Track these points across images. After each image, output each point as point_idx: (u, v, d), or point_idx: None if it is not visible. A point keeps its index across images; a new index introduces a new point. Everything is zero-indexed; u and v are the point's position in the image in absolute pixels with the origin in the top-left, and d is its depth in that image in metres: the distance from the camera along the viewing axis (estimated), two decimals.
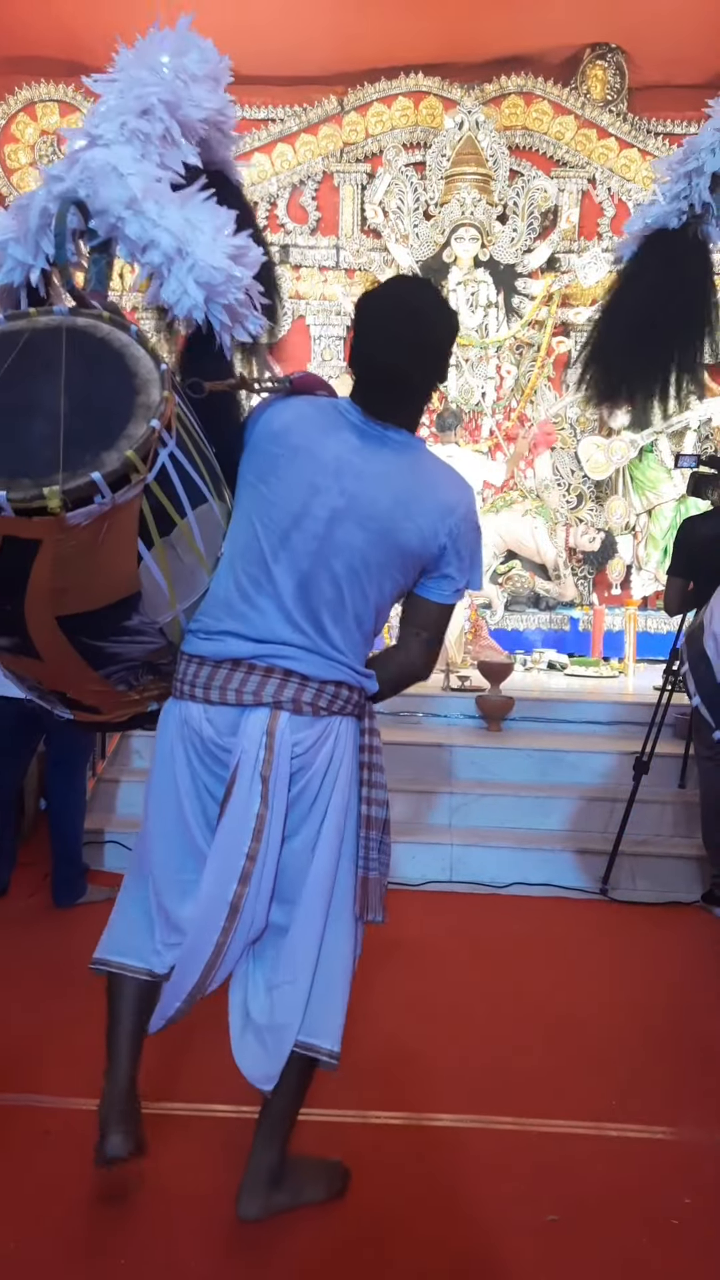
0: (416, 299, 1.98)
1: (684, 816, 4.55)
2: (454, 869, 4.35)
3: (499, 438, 8.30)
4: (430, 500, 1.97)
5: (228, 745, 1.94)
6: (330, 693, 1.94)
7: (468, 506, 2.02)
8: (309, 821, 1.97)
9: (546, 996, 3.26)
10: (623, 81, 8.17)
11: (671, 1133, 2.49)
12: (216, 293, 1.92)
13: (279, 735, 1.91)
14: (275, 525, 1.93)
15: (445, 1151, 2.38)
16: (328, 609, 1.93)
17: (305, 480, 1.93)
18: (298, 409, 2.01)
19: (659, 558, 8.16)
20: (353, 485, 1.92)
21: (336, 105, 8.27)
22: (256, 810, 1.90)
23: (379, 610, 2.00)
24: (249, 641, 1.93)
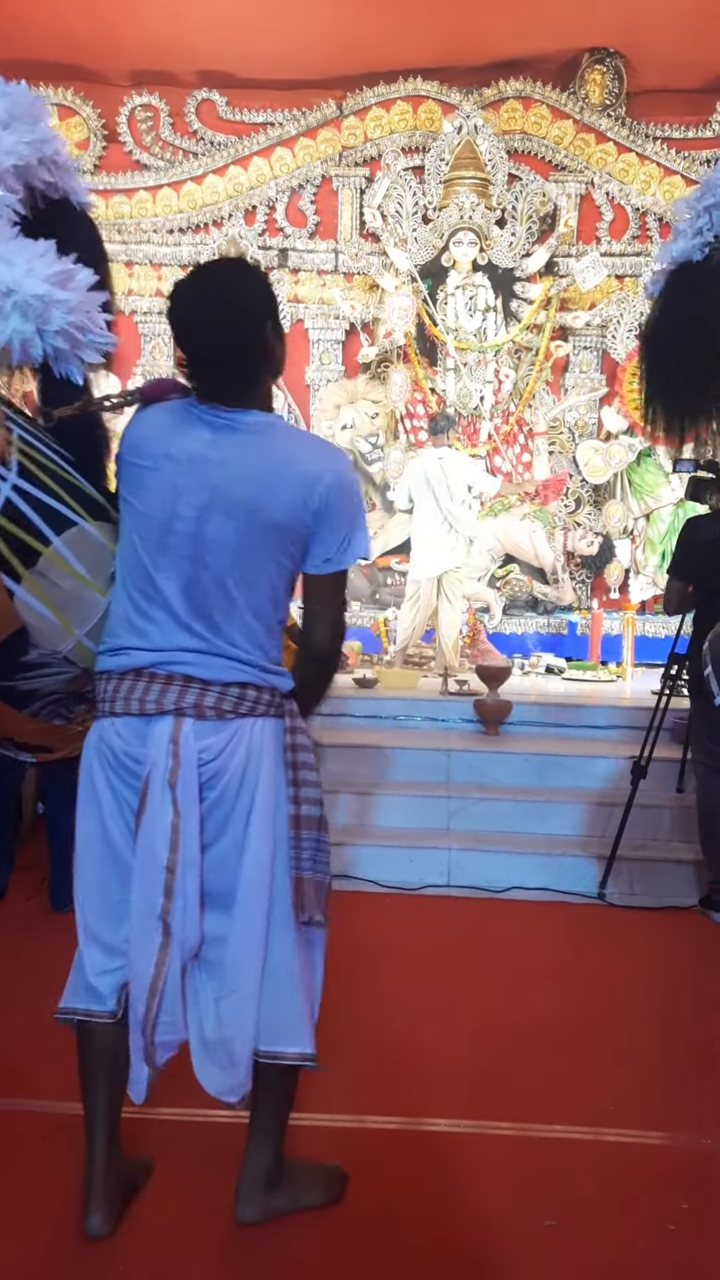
0: (209, 276, 1.94)
1: (682, 821, 4.55)
2: (452, 873, 4.35)
3: (497, 441, 8.31)
4: (291, 474, 1.92)
5: (138, 756, 1.92)
6: (235, 695, 1.92)
7: (335, 474, 1.95)
8: (231, 827, 1.94)
9: (544, 1001, 3.26)
10: (621, 86, 8.19)
11: (668, 1138, 2.49)
12: (45, 321, 1.95)
13: (183, 742, 1.89)
14: (150, 535, 1.92)
15: (442, 1156, 2.38)
16: (217, 608, 1.91)
17: (168, 484, 1.91)
18: (153, 418, 1.99)
19: (657, 562, 8.17)
20: (212, 478, 1.90)
21: (335, 109, 8.29)
22: (169, 820, 1.88)
23: (273, 599, 1.96)
24: (148, 652, 1.92)
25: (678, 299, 2.93)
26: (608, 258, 8.27)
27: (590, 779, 4.87)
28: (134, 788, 1.93)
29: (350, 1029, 2.97)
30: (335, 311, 8.40)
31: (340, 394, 8.38)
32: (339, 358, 8.56)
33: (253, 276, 1.98)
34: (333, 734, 5.16)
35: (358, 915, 3.98)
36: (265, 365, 1.98)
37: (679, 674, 4.38)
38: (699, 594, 4.05)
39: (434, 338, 8.27)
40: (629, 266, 8.38)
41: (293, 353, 8.47)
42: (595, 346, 8.45)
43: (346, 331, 8.52)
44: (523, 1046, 2.94)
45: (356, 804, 4.68)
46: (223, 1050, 1.95)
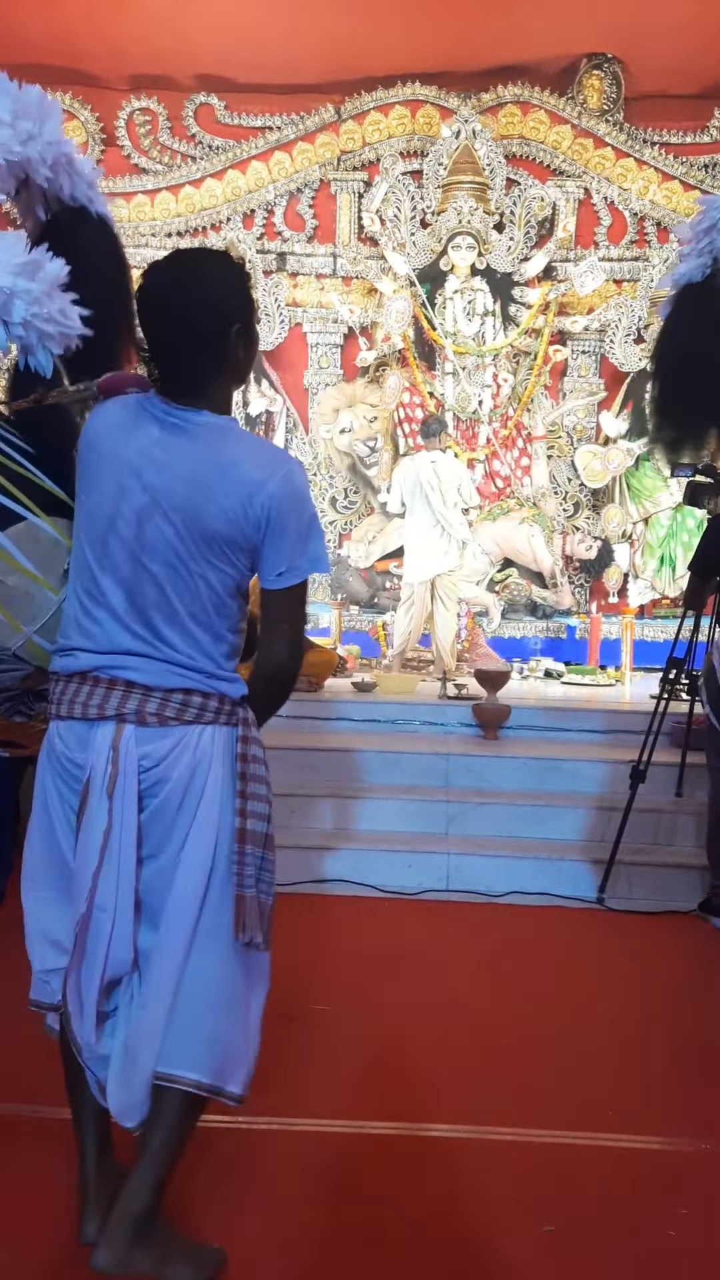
0: (185, 261, 1.87)
1: (681, 825, 4.55)
2: (451, 878, 4.35)
3: (495, 445, 8.32)
4: (231, 479, 1.81)
5: (80, 761, 1.86)
6: (178, 701, 1.84)
7: (281, 481, 1.83)
8: (173, 838, 1.85)
9: (543, 1006, 3.25)
10: (619, 91, 8.21)
11: (668, 1143, 2.48)
12: (6, 312, 1.95)
13: (123, 749, 1.82)
14: (95, 534, 1.86)
15: (440, 1162, 2.37)
16: (158, 611, 1.84)
17: (113, 483, 1.84)
18: (108, 412, 1.92)
19: (655, 566, 8.18)
20: (154, 478, 1.82)
21: (333, 114, 8.30)
22: (102, 828, 1.82)
23: (216, 606, 1.86)
24: (93, 654, 1.86)
25: (682, 316, 3.07)
26: (606, 262, 8.29)
27: (589, 783, 4.86)
28: (77, 793, 1.87)
29: (349, 1034, 2.96)
30: (333, 315, 8.41)
31: (339, 397, 8.39)
32: (337, 361, 8.56)
33: (230, 273, 1.87)
34: (331, 738, 5.15)
35: (357, 920, 3.98)
36: (223, 366, 1.87)
37: (678, 678, 4.39)
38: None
39: (432, 342, 8.27)
40: (627, 271, 8.39)
41: (291, 356, 8.49)
42: (593, 351, 8.46)
43: (345, 335, 8.53)
44: (522, 1051, 2.93)
45: (355, 808, 4.67)
46: (128, 1066, 1.86)
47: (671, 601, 8.14)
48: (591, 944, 3.87)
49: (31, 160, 2.19)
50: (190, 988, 1.84)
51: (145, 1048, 1.84)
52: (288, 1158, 2.17)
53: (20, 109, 2.19)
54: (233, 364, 1.89)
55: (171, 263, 1.86)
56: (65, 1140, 2.28)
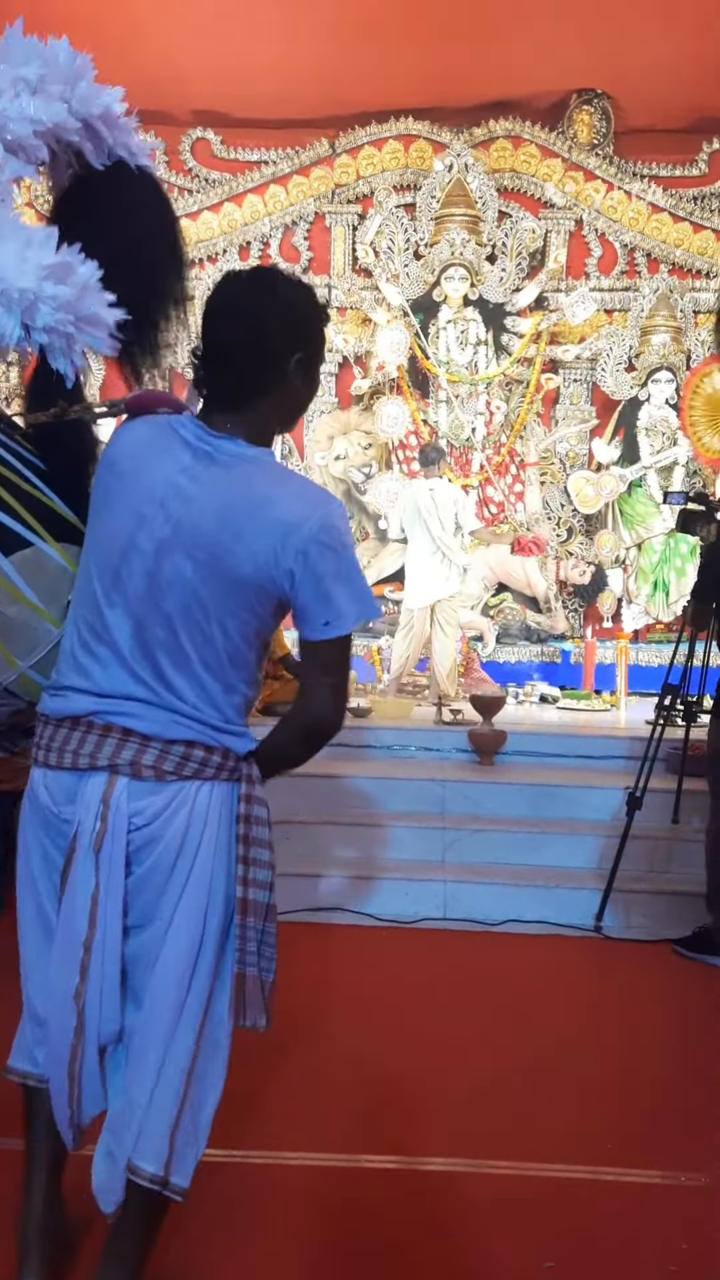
0: (267, 275, 1.76)
1: (678, 852, 4.54)
2: (447, 906, 4.33)
3: (489, 472, 8.36)
4: (265, 518, 1.64)
5: (67, 815, 1.69)
6: (178, 754, 1.67)
7: (320, 522, 1.65)
8: (162, 906, 1.70)
9: (541, 1037, 3.24)
10: (609, 126, 8.32)
11: (668, 1177, 2.46)
12: (31, 316, 1.76)
13: (114, 804, 1.66)
14: (106, 564, 1.69)
15: (439, 1196, 2.35)
16: (167, 656, 1.67)
17: (132, 510, 1.67)
18: (134, 432, 1.76)
19: (649, 591, 8.20)
20: (178, 510, 1.65)
21: (328, 148, 8.39)
22: (90, 891, 1.66)
23: (232, 655, 1.70)
24: (90, 696, 1.69)
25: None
26: (597, 293, 8.36)
27: (586, 809, 4.85)
28: (62, 849, 1.71)
29: (345, 1065, 2.94)
30: (329, 345, 8.46)
31: (334, 425, 8.45)
32: (332, 390, 8.62)
33: (310, 301, 1.77)
34: (326, 765, 5.14)
35: (353, 950, 3.96)
36: (274, 389, 1.73)
37: (673, 703, 4.40)
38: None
39: (426, 371, 8.33)
40: (618, 301, 8.47)
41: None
42: (585, 379, 8.53)
43: (340, 364, 8.59)
44: (521, 1083, 2.91)
45: (351, 835, 4.66)
46: (116, 1147, 1.73)
47: (666, 626, 8.16)
48: (589, 973, 3.85)
49: (61, 126, 1.99)
50: (169, 1074, 1.70)
51: (126, 1132, 1.71)
52: (282, 1191, 2.15)
53: (50, 71, 1.99)
54: (285, 392, 1.75)
55: (252, 272, 1.75)
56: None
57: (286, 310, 1.72)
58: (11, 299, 1.72)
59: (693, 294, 8.36)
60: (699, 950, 3.99)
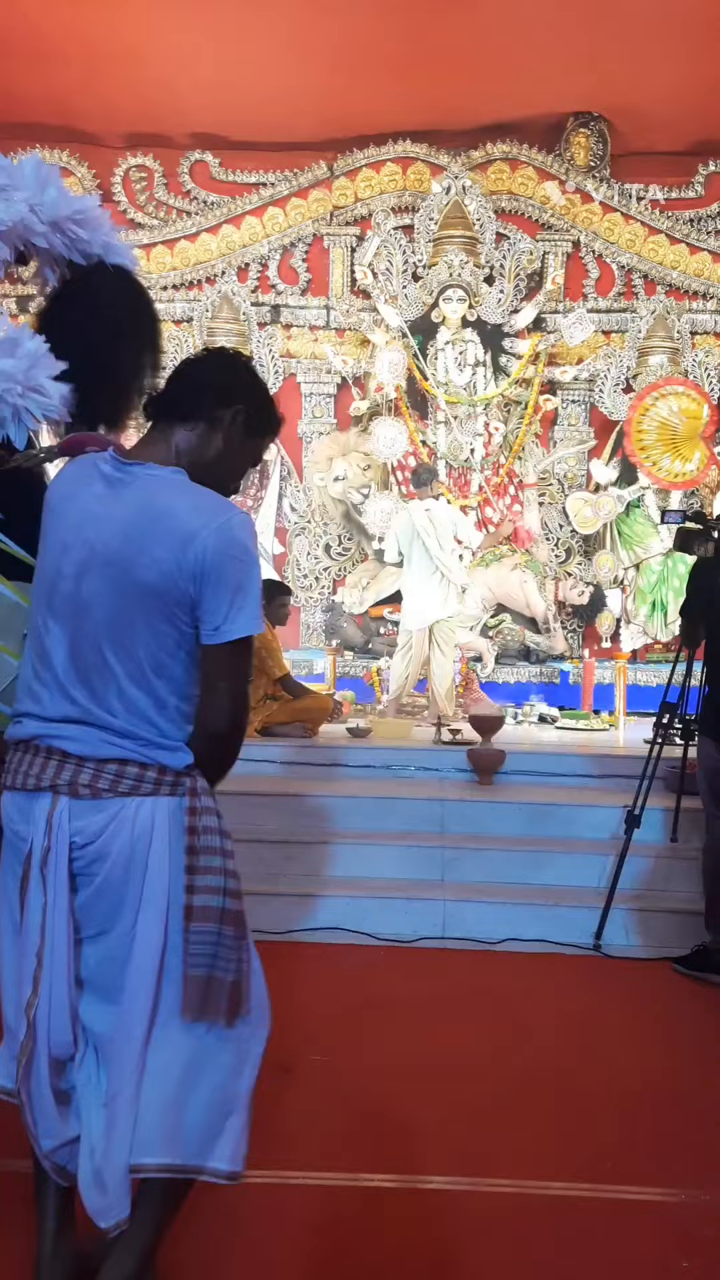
0: (217, 350, 1.98)
1: (677, 870, 4.53)
2: (446, 924, 4.32)
3: (488, 493, 8.39)
4: (164, 528, 1.72)
5: (23, 834, 1.78)
6: (112, 771, 1.74)
7: (219, 531, 1.72)
8: (121, 917, 1.76)
9: (541, 1055, 3.22)
10: (605, 148, 8.40)
11: (669, 1194, 2.45)
12: (26, 416, 2.06)
13: (57, 823, 1.73)
14: (42, 595, 1.81)
15: (438, 1214, 2.34)
16: (96, 675, 1.74)
17: (57, 541, 1.79)
18: (64, 474, 1.87)
19: (647, 611, 8.22)
20: (92, 534, 1.75)
21: (326, 170, 8.47)
22: (40, 905, 1.74)
23: (156, 668, 1.75)
24: (38, 720, 1.79)
25: None
26: (594, 314, 8.42)
27: (584, 828, 4.85)
28: (20, 867, 1.79)
29: (345, 1084, 2.93)
30: (327, 366, 8.52)
31: (333, 446, 8.48)
32: (331, 411, 8.66)
33: (255, 378, 1.92)
34: (326, 784, 5.14)
35: (353, 968, 3.95)
36: (192, 421, 1.85)
37: (671, 722, 4.40)
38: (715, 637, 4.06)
39: (424, 392, 8.38)
40: (615, 322, 8.53)
41: (285, 406, 8.53)
42: (583, 400, 8.57)
43: (338, 385, 8.63)
44: (520, 1101, 2.90)
45: (350, 854, 4.65)
46: (105, 1164, 1.75)
47: (663, 646, 8.17)
48: (589, 991, 3.84)
49: (28, 227, 2.25)
50: (155, 1070, 1.74)
51: (118, 1145, 1.74)
52: (282, 1210, 2.14)
53: (13, 180, 2.24)
54: (213, 435, 1.85)
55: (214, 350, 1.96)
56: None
57: (238, 363, 1.91)
58: None
59: (690, 315, 8.42)
60: (698, 968, 3.98)
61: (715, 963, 3.95)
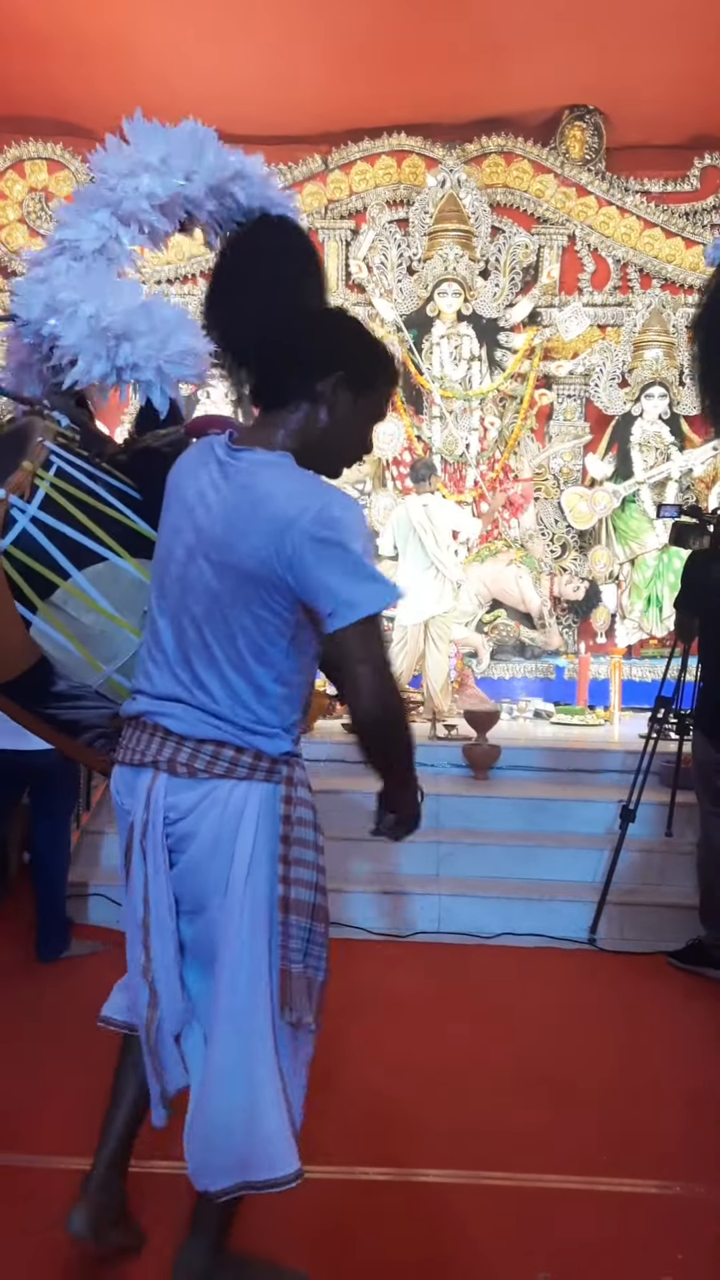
0: (340, 311, 2.03)
1: (671, 865, 4.54)
2: (442, 919, 4.32)
3: (483, 488, 8.38)
4: (262, 515, 1.70)
5: (127, 806, 1.87)
6: (209, 753, 1.77)
7: (315, 515, 1.67)
8: (208, 901, 1.80)
9: (536, 1049, 3.23)
10: (600, 141, 8.37)
11: (663, 1186, 2.46)
12: (115, 355, 2.10)
13: (154, 797, 1.79)
14: (156, 575, 1.88)
15: (434, 1207, 2.34)
16: (198, 657, 1.78)
17: (172, 524, 1.85)
18: (186, 455, 1.91)
19: (643, 607, 8.22)
20: (202, 519, 1.78)
21: (321, 164, 8.44)
22: (142, 876, 1.82)
23: (256, 655, 1.76)
24: (148, 698, 1.85)
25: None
26: (590, 308, 8.40)
27: (579, 823, 4.85)
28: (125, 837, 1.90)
29: (340, 1078, 2.93)
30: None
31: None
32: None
33: (357, 329, 1.88)
34: (322, 780, 5.13)
35: (349, 963, 3.94)
36: (295, 400, 1.81)
37: (665, 717, 4.40)
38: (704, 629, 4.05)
39: (420, 386, 8.36)
40: (610, 316, 8.51)
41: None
42: (579, 395, 8.56)
43: None
44: (515, 1094, 2.91)
45: (346, 850, 4.65)
46: (194, 1142, 1.84)
47: (659, 641, 8.17)
48: (583, 985, 3.84)
49: (188, 198, 2.32)
50: (251, 1081, 1.78)
51: (213, 1134, 1.81)
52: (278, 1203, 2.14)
53: (173, 148, 2.29)
54: (318, 412, 1.81)
55: (332, 309, 2.06)
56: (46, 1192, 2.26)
57: (327, 322, 1.90)
58: (100, 340, 2.03)
59: (685, 309, 8.40)
60: (693, 962, 3.98)
61: (710, 957, 3.95)
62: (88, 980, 3.66)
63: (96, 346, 2.07)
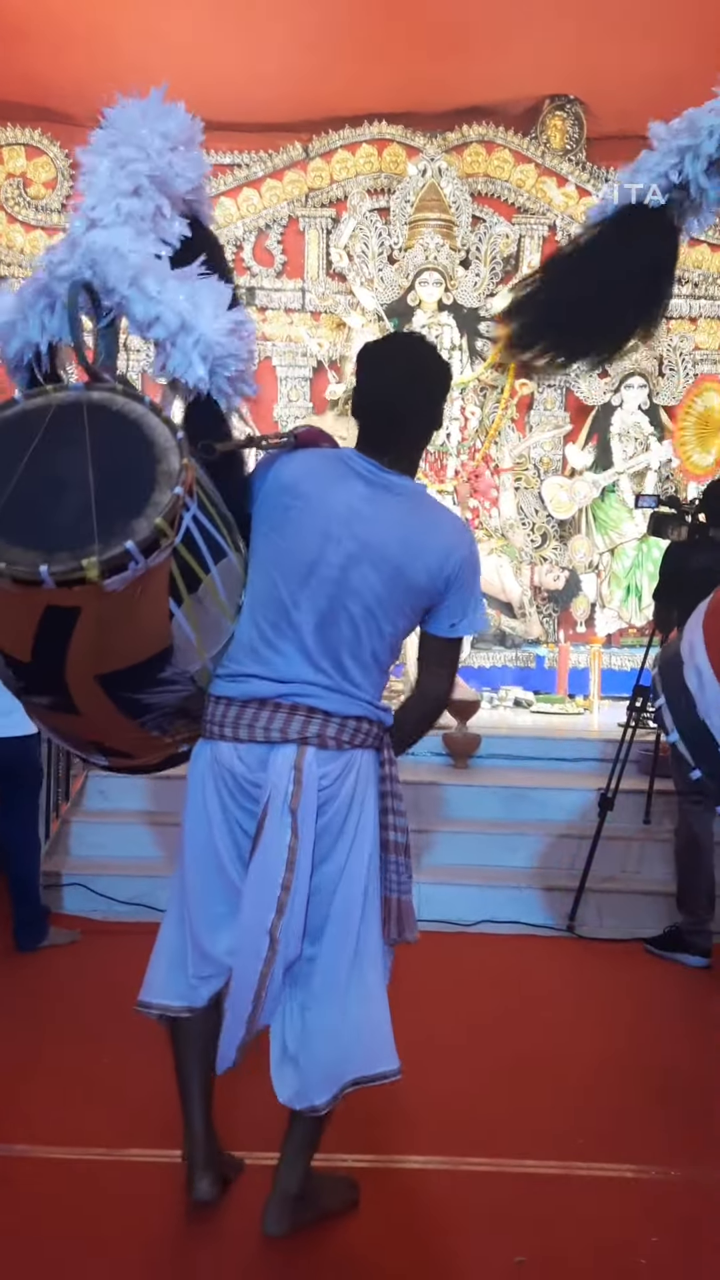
0: (414, 348, 2.21)
1: (649, 853, 4.57)
2: (421, 907, 4.25)
3: (464, 477, 8.39)
4: (435, 542, 2.10)
5: (258, 780, 2.05)
6: (352, 727, 2.07)
7: (469, 548, 2.17)
8: (337, 849, 2.07)
9: (514, 1035, 3.25)
10: (581, 131, 8.37)
11: (639, 1170, 2.49)
12: (220, 364, 2.06)
13: (306, 769, 2.03)
14: (293, 573, 2.06)
15: (412, 1193, 2.37)
16: (347, 648, 2.06)
17: (319, 529, 2.05)
18: (306, 461, 2.14)
19: (622, 596, 8.26)
20: (364, 531, 2.05)
21: (302, 151, 8.40)
22: (288, 842, 2.01)
23: (392, 646, 2.15)
24: (273, 682, 2.05)
25: (616, 235, 2.61)
26: None
27: (558, 811, 4.88)
28: (249, 811, 2.07)
29: None
30: (302, 349, 8.47)
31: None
32: (306, 394, 8.62)
33: (443, 359, 2.23)
34: None
35: None
36: (428, 438, 2.25)
37: (644, 706, 4.43)
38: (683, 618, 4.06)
39: None
40: None
41: (261, 389, 8.51)
42: (559, 385, 8.57)
43: (314, 369, 8.59)
44: (494, 1081, 2.93)
45: None
46: (305, 1058, 2.06)
47: (638, 631, 8.21)
48: (561, 972, 3.87)
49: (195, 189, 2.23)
50: (364, 996, 2.08)
51: (326, 1045, 2.05)
52: (261, 1190, 2.16)
53: (180, 133, 2.24)
54: (431, 436, 2.27)
55: (406, 341, 2.31)
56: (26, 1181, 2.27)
57: (445, 380, 2.21)
58: (210, 351, 2.03)
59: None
60: (669, 949, 4.02)
61: (686, 943, 3.99)
62: (68, 969, 3.67)
63: (204, 354, 2.05)
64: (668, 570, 4.26)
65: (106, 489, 1.79)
